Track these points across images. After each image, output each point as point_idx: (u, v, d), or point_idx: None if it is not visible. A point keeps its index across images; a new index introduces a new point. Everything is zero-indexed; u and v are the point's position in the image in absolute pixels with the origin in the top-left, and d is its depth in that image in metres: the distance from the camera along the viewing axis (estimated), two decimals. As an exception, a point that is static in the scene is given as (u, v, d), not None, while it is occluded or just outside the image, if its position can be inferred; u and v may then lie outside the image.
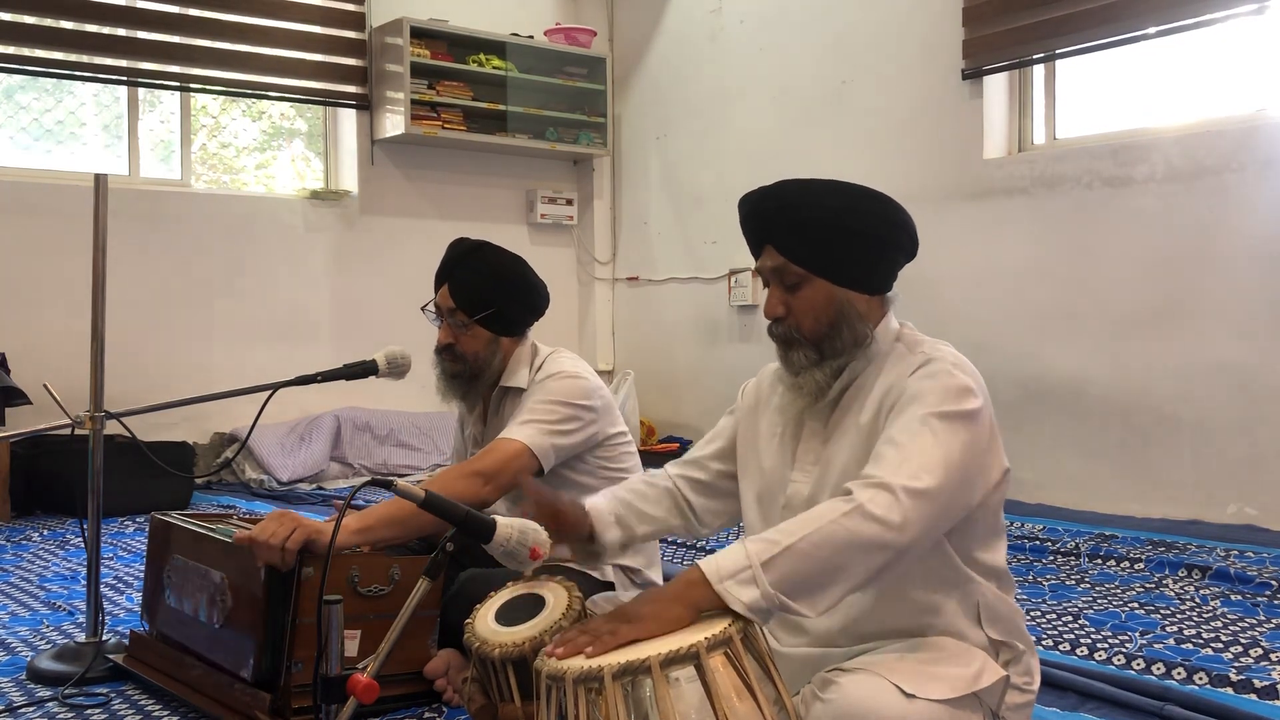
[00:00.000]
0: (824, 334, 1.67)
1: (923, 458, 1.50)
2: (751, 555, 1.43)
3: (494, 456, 2.33)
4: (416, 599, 1.60)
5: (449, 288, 2.49)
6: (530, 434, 2.35)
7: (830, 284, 1.67)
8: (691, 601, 1.43)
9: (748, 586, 1.42)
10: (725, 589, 1.42)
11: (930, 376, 1.61)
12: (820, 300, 1.67)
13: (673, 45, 6.43)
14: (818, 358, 1.68)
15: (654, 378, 6.49)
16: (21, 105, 5.41)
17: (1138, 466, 4.34)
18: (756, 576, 1.42)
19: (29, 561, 3.84)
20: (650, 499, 1.89)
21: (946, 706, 1.48)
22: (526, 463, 2.34)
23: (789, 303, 1.69)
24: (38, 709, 2.28)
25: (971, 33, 4.86)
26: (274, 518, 2.09)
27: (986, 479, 1.61)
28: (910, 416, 1.56)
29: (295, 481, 5.38)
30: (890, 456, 1.52)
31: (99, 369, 2.55)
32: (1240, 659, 2.56)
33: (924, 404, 1.57)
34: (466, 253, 2.52)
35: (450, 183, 6.37)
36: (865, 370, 1.69)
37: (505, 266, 2.53)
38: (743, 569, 1.43)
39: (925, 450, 1.51)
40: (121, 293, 4.23)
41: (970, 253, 4.88)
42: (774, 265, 1.69)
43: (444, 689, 2.23)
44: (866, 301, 1.69)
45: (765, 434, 1.81)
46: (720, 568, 1.44)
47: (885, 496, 1.46)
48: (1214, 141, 4.14)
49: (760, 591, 1.41)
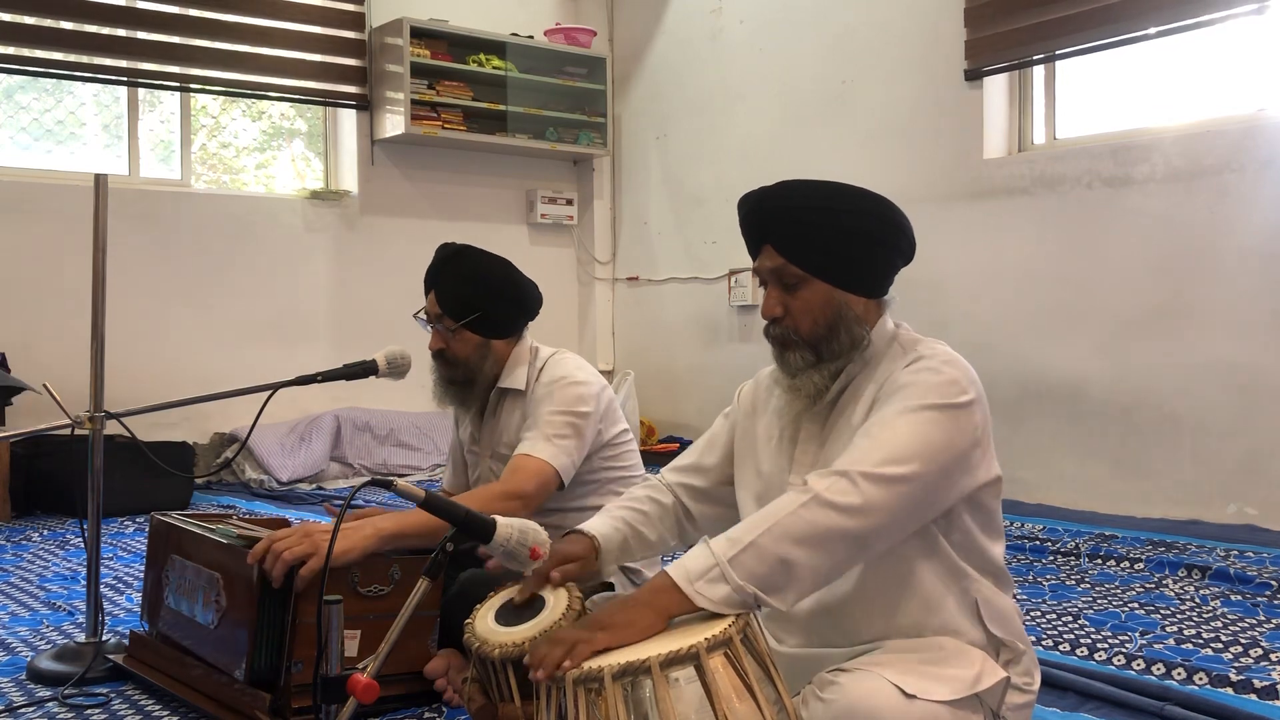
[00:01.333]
0: (821, 336, 1.67)
1: (893, 445, 1.51)
2: (717, 554, 1.46)
3: (528, 476, 2.35)
4: (416, 599, 1.60)
5: (435, 293, 2.51)
6: (554, 454, 2.39)
7: (829, 286, 1.67)
8: (662, 607, 1.45)
9: (717, 584, 1.44)
10: (696, 590, 1.44)
11: (917, 371, 1.61)
12: (818, 302, 1.67)
13: (673, 45, 6.43)
14: (814, 359, 1.68)
15: (654, 378, 6.49)
16: (21, 105, 5.41)
17: (1138, 466, 4.34)
18: (725, 573, 1.44)
19: (29, 561, 3.84)
20: (653, 520, 1.86)
21: (947, 707, 1.48)
22: (553, 480, 2.39)
23: (787, 304, 1.68)
24: (38, 709, 2.28)
25: (973, 33, 4.86)
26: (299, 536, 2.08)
27: (972, 475, 1.60)
28: (890, 409, 1.57)
29: (295, 481, 5.38)
30: (861, 446, 1.54)
31: (99, 369, 2.55)
32: (1240, 659, 2.56)
33: (906, 397, 1.57)
34: (448, 259, 2.53)
35: (450, 183, 6.38)
36: (862, 373, 1.70)
37: (487, 270, 2.53)
38: (710, 568, 1.45)
39: (897, 438, 1.52)
40: (121, 293, 4.24)
41: (970, 253, 4.88)
42: (773, 266, 1.68)
43: (444, 689, 2.23)
44: (864, 304, 1.70)
45: (763, 437, 1.81)
46: (689, 570, 1.46)
47: (841, 483, 1.48)
48: (1214, 141, 4.14)
49: (731, 587, 1.43)
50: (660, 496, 1.90)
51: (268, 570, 2.05)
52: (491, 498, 2.30)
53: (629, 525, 1.84)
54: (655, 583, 1.47)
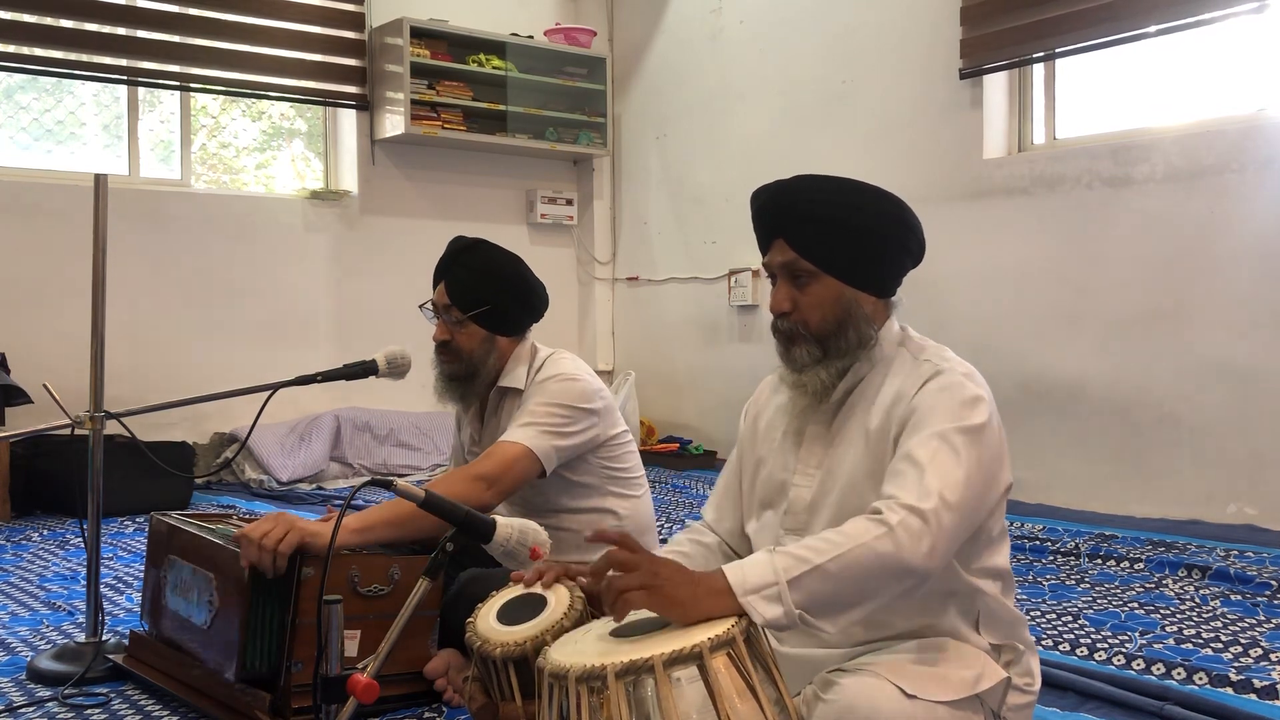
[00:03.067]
0: (830, 331, 1.66)
1: (946, 478, 1.49)
2: (779, 571, 1.41)
3: (495, 460, 2.32)
4: (416, 599, 1.60)
5: (445, 284, 2.51)
6: (531, 436, 2.35)
7: (840, 282, 1.66)
8: (709, 608, 1.39)
9: (773, 603, 1.39)
10: (750, 602, 1.39)
11: (943, 389, 1.60)
12: (829, 298, 1.66)
13: (673, 45, 6.43)
14: (821, 355, 1.67)
15: (654, 378, 6.49)
16: (21, 105, 5.41)
17: (1138, 466, 4.34)
18: (782, 594, 1.40)
19: (29, 561, 3.84)
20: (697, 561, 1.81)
21: (948, 707, 1.48)
22: (529, 465, 2.34)
23: (796, 298, 1.68)
24: (38, 709, 2.28)
25: (969, 32, 4.86)
26: (270, 519, 2.09)
27: (996, 491, 1.60)
28: (928, 432, 1.54)
29: (295, 481, 5.37)
30: (912, 476, 1.50)
31: (99, 369, 2.55)
32: (1240, 659, 2.56)
33: (940, 418, 1.55)
34: (463, 250, 2.53)
35: (450, 183, 6.37)
36: (870, 374, 1.69)
37: (501, 264, 2.53)
38: (769, 584, 1.40)
39: (948, 470, 1.50)
40: (121, 293, 4.24)
41: (970, 253, 4.88)
42: (784, 260, 1.67)
43: (444, 689, 2.23)
44: (874, 303, 1.69)
45: (764, 436, 1.80)
46: (746, 580, 1.41)
47: (917, 522, 1.44)
48: (1214, 141, 4.14)
49: (784, 610, 1.40)
50: (702, 538, 1.87)
51: (259, 563, 2.04)
52: (458, 480, 2.29)
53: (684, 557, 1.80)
54: (712, 582, 1.41)
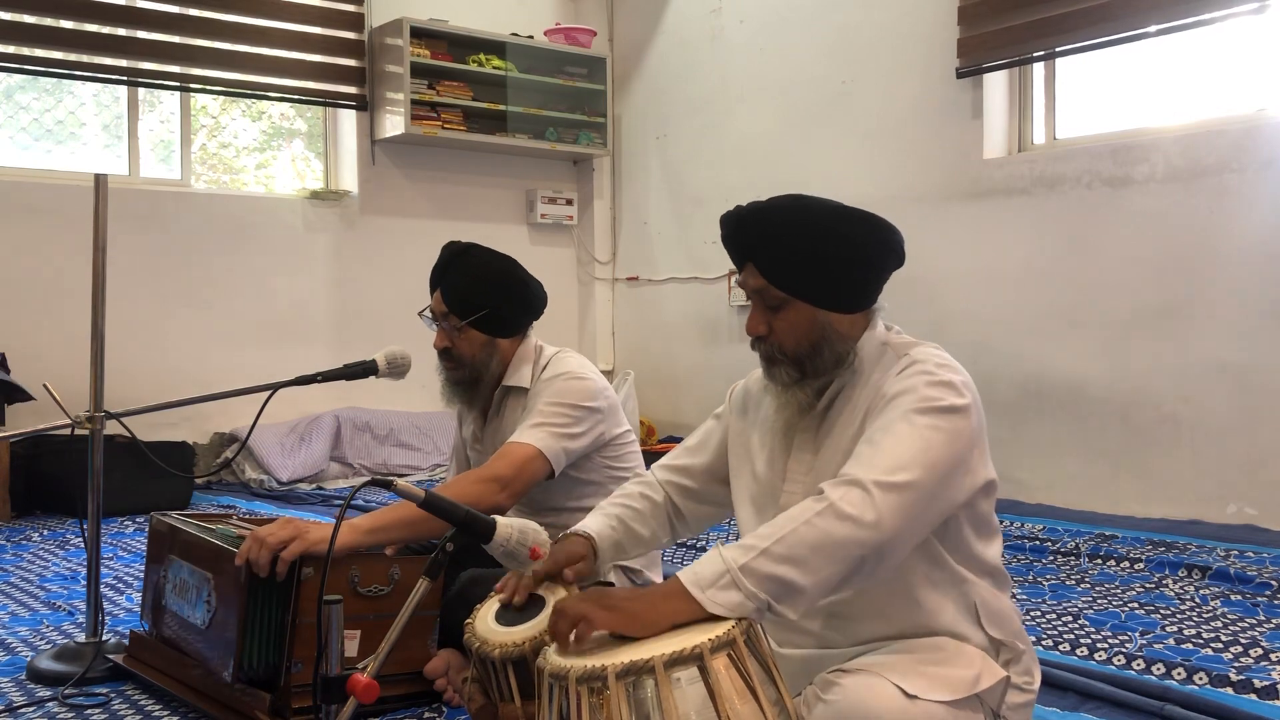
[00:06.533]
0: (805, 354, 1.67)
1: (898, 452, 1.51)
2: (728, 561, 1.44)
3: (508, 461, 2.32)
4: (416, 599, 1.60)
5: (441, 291, 2.51)
6: (542, 437, 2.36)
7: (812, 307, 1.66)
8: (671, 612, 1.43)
9: (729, 591, 1.42)
10: (708, 597, 1.42)
11: (911, 375, 1.61)
12: (802, 322, 1.67)
13: (673, 45, 6.43)
14: (799, 375, 1.68)
15: (654, 378, 6.49)
16: (21, 105, 5.41)
17: (1138, 466, 4.34)
18: (736, 580, 1.42)
19: (29, 561, 3.84)
20: (645, 516, 1.87)
21: (948, 707, 1.48)
22: (540, 466, 2.35)
23: (771, 322, 1.68)
24: (38, 709, 2.28)
25: (966, 31, 4.86)
26: (282, 523, 2.10)
27: (972, 478, 1.59)
28: (890, 414, 1.57)
29: (295, 481, 5.37)
30: (866, 454, 1.52)
31: (99, 369, 2.55)
32: (1240, 659, 2.56)
33: (904, 401, 1.57)
34: (455, 256, 2.52)
35: (450, 183, 6.37)
36: (852, 382, 1.69)
37: (494, 268, 2.53)
38: (721, 574, 1.43)
39: (901, 445, 1.51)
40: (121, 293, 4.24)
41: (970, 253, 4.88)
42: (756, 286, 1.68)
43: (444, 689, 2.23)
44: (849, 320, 1.69)
45: (756, 443, 1.81)
46: (700, 577, 1.44)
47: (857, 493, 1.47)
48: (1214, 141, 4.14)
49: (743, 594, 1.42)
50: (652, 493, 1.90)
51: (253, 559, 2.04)
52: (470, 482, 2.29)
53: (623, 523, 1.84)
54: (666, 587, 1.46)
